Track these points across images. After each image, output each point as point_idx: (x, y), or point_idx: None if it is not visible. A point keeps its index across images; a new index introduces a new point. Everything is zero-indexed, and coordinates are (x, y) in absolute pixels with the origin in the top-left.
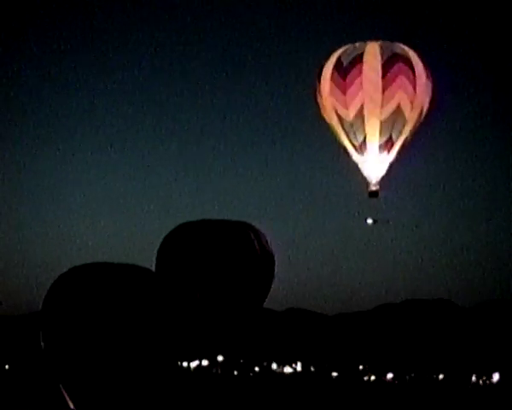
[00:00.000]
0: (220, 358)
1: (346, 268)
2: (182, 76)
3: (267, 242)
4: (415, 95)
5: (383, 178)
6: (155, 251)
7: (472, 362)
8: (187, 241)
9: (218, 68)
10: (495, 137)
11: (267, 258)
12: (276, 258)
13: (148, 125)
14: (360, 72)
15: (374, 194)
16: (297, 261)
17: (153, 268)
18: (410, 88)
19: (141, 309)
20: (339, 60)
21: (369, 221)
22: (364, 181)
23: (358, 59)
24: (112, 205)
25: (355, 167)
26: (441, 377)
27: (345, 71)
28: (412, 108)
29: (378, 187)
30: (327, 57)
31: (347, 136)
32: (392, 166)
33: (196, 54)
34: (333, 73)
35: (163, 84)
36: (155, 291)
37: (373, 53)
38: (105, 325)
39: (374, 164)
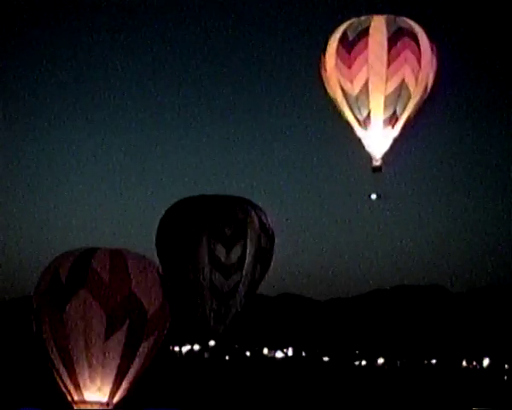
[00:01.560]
0: (212, 343)
1: (338, 253)
2: (176, 57)
3: (267, 218)
4: (419, 70)
5: (386, 154)
6: (155, 227)
7: (462, 347)
8: (188, 215)
9: (217, 45)
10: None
11: (267, 233)
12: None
13: (144, 106)
14: (366, 46)
15: (377, 169)
16: (289, 246)
17: (152, 244)
18: (415, 63)
19: None
20: (344, 33)
21: (373, 196)
22: (366, 160)
23: (364, 33)
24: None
25: (356, 148)
26: (432, 362)
27: (350, 45)
28: (417, 83)
29: (381, 162)
30: (332, 31)
31: (352, 110)
32: (395, 141)
33: (191, 37)
34: (338, 47)
35: (158, 69)
36: None
37: (379, 27)
38: None
39: (378, 139)
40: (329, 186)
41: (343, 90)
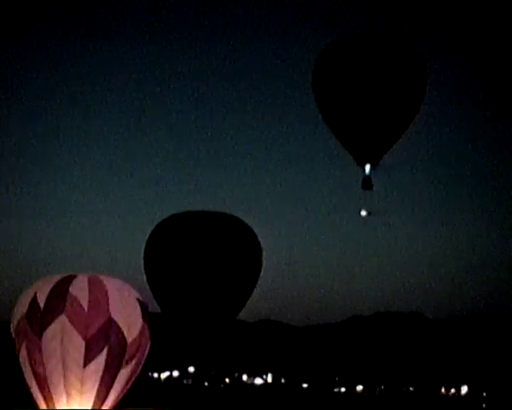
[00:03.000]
0: (191, 369)
1: (317, 280)
2: (173, 69)
3: (255, 235)
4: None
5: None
6: (144, 242)
7: (441, 374)
8: (176, 232)
9: (212, 62)
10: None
11: (255, 251)
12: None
13: (138, 119)
14: None
15: (368, 186)
16: (268, 273)
17: (133, 268)
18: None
19: None
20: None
21: (364, 213)
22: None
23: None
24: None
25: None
26: (411, 389)
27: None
28: None
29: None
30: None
31: None
32: None
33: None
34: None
35: (155, 77)
36: None
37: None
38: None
39: None
40: (310, 215)
41: None
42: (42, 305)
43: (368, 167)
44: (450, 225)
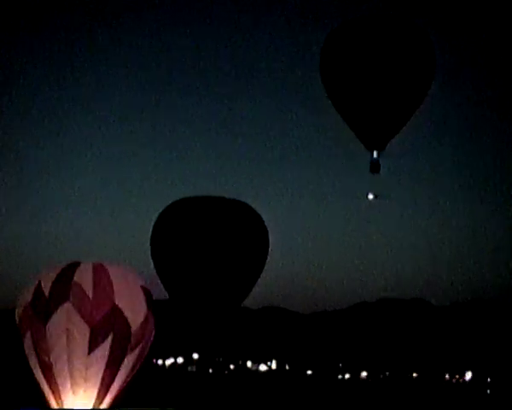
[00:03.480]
0: (195, 356)
1: (321, 267)
2: (171, 60)
3: (263, 221)
4: None
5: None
6: (150, 228)
7: (445, 361)
8: (182, 217)
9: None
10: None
11: (263, 236)
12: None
13: (140, 106)
14: None
15: (376, 169)
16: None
17: (138, 255)
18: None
19: None
20: None
21: (371, 196)
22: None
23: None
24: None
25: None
26: (415, 375)
27: None
28: None
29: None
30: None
31: None
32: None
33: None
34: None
35: (145, 75)
36: None
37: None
38: None
39: None
40: (314, 203)
41: None
42: (46, 292)
43: (375, 151)
44: (452, 211)
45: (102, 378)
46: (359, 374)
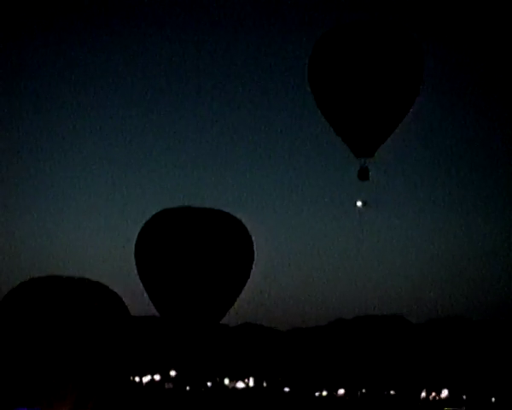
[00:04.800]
0: (173, 373)
1: (299, 283)
2: (166, 69)
3: (247, 230)
4: None
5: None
6: (133, 242)
7: (422, 378)
8: (166, 227)
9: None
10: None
11: (247, 246)
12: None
13: (129, 116)
14: None
15: (364, 176)
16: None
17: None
18: None
19: (86, 323)
20: None
21: (359, 204)
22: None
23: None
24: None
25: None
26: (392, 392)
27: None
28: None
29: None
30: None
31: None
32: None
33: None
34: None
35: (150, 78)
36: (105, 306)
37: None
38: (48, 337)
39: None
40: (292, 217)
41: None
42: None
43: (364, 159)
44: (429, 229)
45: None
46: (336, 391)
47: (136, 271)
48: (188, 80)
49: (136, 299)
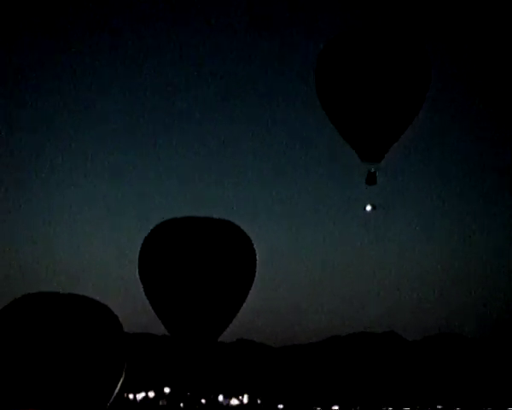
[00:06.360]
0: (167, 390)
1: (293, 300)
2: (168, 76)
3: (250, 240)
4: None
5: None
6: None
7: (416, 394)
8: (171, 238)
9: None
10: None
11: (250, 257)
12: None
13: (131, 123)
14: None
15: (372, 180)
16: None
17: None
18: None
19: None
20: None
21: (368, 208)
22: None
23: None
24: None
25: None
26: (387, 409)
27: None
28: None
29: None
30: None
31: None
32: None
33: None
34: None
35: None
36: (98, 322)
37: None
38: (44, 352)
39: None
40: (283, 232)
41: None
42: None
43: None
44: (425, 245)
45: None
46: (331, 408)
47: (129, 287)
48: (193, 91)
49: (131, 316)
